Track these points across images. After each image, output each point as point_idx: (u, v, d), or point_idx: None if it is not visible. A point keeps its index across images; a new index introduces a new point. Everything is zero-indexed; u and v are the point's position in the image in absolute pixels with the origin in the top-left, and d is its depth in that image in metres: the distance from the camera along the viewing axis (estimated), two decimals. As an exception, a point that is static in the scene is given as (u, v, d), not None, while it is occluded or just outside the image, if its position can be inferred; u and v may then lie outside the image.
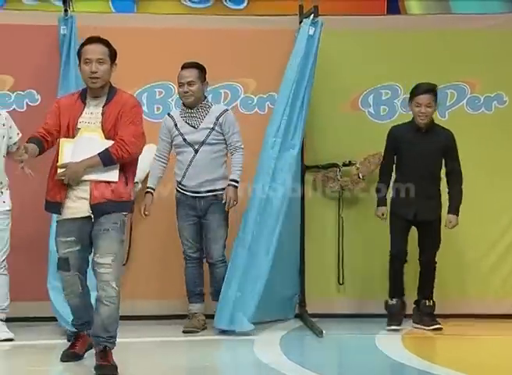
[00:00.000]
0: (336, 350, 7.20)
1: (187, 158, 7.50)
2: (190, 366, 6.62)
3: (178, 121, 7.54)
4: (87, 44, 6.07)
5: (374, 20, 8.50)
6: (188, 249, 7.57)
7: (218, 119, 7.50)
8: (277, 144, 7.66)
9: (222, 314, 7.43)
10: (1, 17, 8.02)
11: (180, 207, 7.59)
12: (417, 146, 7.39)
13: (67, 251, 6.03)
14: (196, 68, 7.49)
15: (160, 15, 8.96)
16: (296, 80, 7.67)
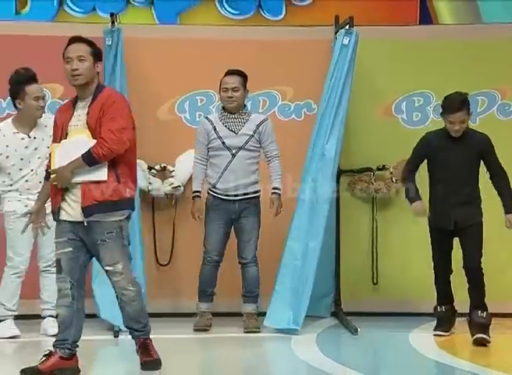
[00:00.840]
0: (370, 347, 7.16)
1: (224, 161, 7.47)
2: (233, 362, 6.63)
3: (217, 125, 7.51)
4: (68, 45, 5.92)
5: (406, 30, 8.46)
6: (211, 252, 7.52)
7: (259, 128, 7.50)
8: (318, 148, 7.63)
9: (276, 313, 7.41)
10: (51, 29, 8.07)
11: (212, 210, 7.54)
12: (451, 153, 7.06)
13: (60, 252, 5.87)
14: (240, 75, 7.49)
15: (201, 26, 9.03)
16: (333, 87, 7.64)
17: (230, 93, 7.45)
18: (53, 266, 7.22)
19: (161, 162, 8.03)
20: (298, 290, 7.42)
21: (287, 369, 6.48)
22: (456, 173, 7.03)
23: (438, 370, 6.42)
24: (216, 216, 7.50)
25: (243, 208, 7.50)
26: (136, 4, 9.86)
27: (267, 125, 7.54)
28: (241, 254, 7.58)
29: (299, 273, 7.46)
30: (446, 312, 7.22)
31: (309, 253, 7.48)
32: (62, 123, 5.85)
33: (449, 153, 7.01)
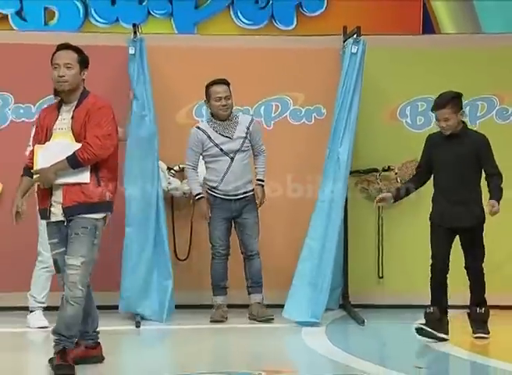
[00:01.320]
0: (376, 337, 7.17)
1: (223, 166, 7.52)
2: (248, 351, 6.63)
3: (211, 133, 7.52)
4: (56, 51, 5.84)
5: (410, 39, 8.47)
6: (219, 247, 7.56)
7: (249, 128, 7.55)
8: (333, 152, 7.63)
9: (295, 306, 7.41)
10: (77, 39, 8.02)
11: (215, 210, 7.57)
12: (447, 152, 6.79)
13: (55, 253, 5.83)
14: (227, 84, 7.53)
15: (217, 35, 9.03)
16: (345, 94, 7.63)
17: (224, 101, 7.47)
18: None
19: (179, 163, 8.02)
20: (317, 285, 7.42)
21: (298, 358, 6.49)
22: (452, 171, 6.78)
23: (439, 358, 6.40)
24: (219, 214, 7.56)
25: (243, 205, 7.58)
26: (156, 15, 9.86)
27: (255, 124, 7.64)
28: (247, 247, 7.63)
29: (317, 270, 7.46)
30: (434, 313, 6.77)
31: (326, 252, 7.49)
32: (46, 125, 5.76)
33: (445, 152, 6.79)
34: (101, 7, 10.04)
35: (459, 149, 6.72)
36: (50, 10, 10.04)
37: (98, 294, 7.48)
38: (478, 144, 6.80)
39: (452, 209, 6.76)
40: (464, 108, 8.03)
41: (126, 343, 7.02)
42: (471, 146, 6.75)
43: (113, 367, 6.04)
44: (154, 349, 6.79)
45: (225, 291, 7.63)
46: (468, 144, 6.76)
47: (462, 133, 6.77)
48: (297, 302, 7.42)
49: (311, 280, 7.46)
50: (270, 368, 5.89)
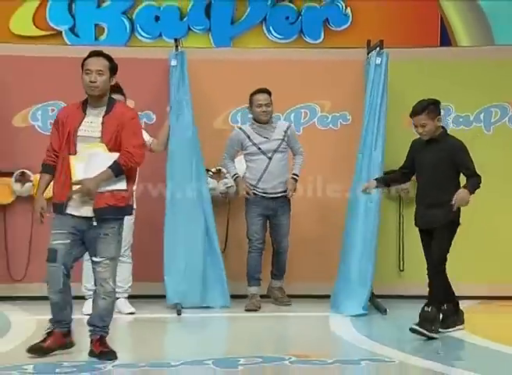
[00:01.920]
0: (397, 325, 7.14)
1: (262, 164, 7.60)
2: (279, 337, 6.66)
3: (250, 134, 7.64)
4: (89, 57, 5.70)
5: (429, 51, 8.45)
6: (255, 240, 7.63)
7: (286, 132, 7.67)
8: (366, 156, 7.64)
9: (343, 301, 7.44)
10: (124, 53, 8.11)
11: (253, 206, 7.64)
12: (426, 156, 6.53)
13: (58, 243, 5.59)
14: (269, 93, 7.64)
15: (251, 48, 9.07)
16: (372, 102, 7.64)
17: (264, 108, 7.59)
18: (124, 256, 7.32)
19: (217, 165, 8.06)
20: (361, 280, 7.46)
21: (326, 344, 6.50)
22: (428, 175, 6.51)
23: (456, 345, 6.39)
24: (257, 210, 7.63)
25: (279, 205, 7.66)
26: (196, 30, 9.91)
27: (291, 129, 7.76)
28: (279, 244, 7.74)
29: (359, 266, 7.50)
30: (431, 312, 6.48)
31: (366, 249, 7.52)
32: (69, 124, 5.60)
33: (424, 156, 6.54)
34: (145, 23, 10.11)
35: (437, 154, 6.46)
36: (100, 27, 10.13)
37: (143, 285, 7.67)
38: (452, 150, 6.48)
39: (426, 212, 6.53)
40: (479, 114, 8.11)
41: (168, 330, 7.07)
42: (447, 151, 6.46)
43: (158, 351, 6.10)
44: (194, 335, 6.83)
45: (259, 283, 7.69)
46: (445, 150, 6.46)
47: (441, 139, 6.52)
48: (345, 298, 7.43)
49: (355, 276, 7.48)
50: (299, 353, 5.91)
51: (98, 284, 5.70)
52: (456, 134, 7.86)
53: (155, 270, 7.64)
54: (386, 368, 5.65)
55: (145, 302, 7.66)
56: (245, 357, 5.75)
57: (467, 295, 7.85)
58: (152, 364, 5.60)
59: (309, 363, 5.67)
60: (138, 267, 7.48)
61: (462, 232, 7.92)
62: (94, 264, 5.71)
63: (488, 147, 8.04)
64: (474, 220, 7.97)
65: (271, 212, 7.66)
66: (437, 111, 6.49)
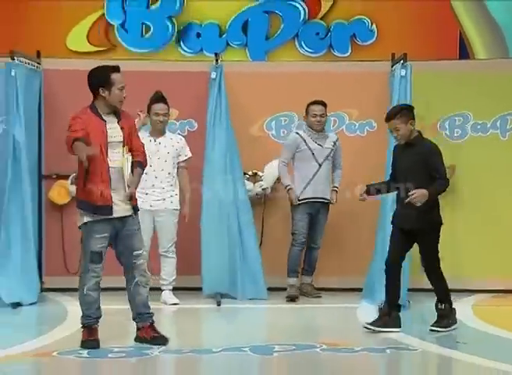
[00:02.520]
0: (419, 316, 7.09)
1: (312, 170, 7.58)
2: (310, 326, 6.66)
3: (306, 139, 7.62)
4: (117, 72, 5.62)
5: (449, 63, 8.39)
6: (300, 235, 7.60)
7: (336, 143, 7.70)
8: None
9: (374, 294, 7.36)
10: (170, 66, 8.19)
11: (301, 208, 7.61)
12: (403, 160, 6.31)
13: (101, 246, 5.61)
14: (324, 104, 7.62)
15: (284, 62, 9.08)
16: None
17: (319, 118, 7.60)
18: (169, 252, 7.36)
19: (252, 168, 8.08)
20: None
21: (353, 333, 6.46)
22: (404, 178, 6.25)
23: (473, 334, 6.34)
24: (304, 209, 7.60)
25: (320, 207, 7.67)
26: (234, 45, 9.93)
27: (339, 142, 7.78)
28: (314, 241, 7.74)
29: None
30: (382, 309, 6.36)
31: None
32: (96, 128, 5.52)
33: (402, 160, 6.34)
34: (188, 39, 10.15)
35: (412, 157, 6.23)
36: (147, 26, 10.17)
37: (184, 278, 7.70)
38: (425, 153, 6.24)
39: (404, 212, 6.27)
40: (496, 122, 8.05)
41: (210, 319, 7.10)
42: (422, 154, 6.22)
43: (200, 338, 6.15)
44: (233, 324, 6.85)
45: (298, 275, 7.68)
46: (420, 153, 6.23)
47: (416, 143, 6.28)
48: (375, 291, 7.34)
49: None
50: (329, 341, 5.92)
51: (139, 275, 5.72)
52: (475, 140, 7.96)
53: (198, 265, 7.68)
54: (410, 356, 5.65)
55: (188, 294, 7.69)
56: (279, 344, 5.78)
57: (481, 289, 7.84)
58: (195, 350, 5.64)
59: (338, 351, 5.69)
60: (182, 262, 7.53)
61: (478, 230, 7.95)
62: (133, 258, 5.70)
63: (504, 151, 8.02)
64: (490, 220, 7.96)
65: (313, 212, 7.66)
66: (409, 115, 6.25)
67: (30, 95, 7.67)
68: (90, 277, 5.63)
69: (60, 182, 7.93)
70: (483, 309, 7.20)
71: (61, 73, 7.94)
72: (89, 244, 5.61)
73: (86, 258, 5.63)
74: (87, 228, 5.61)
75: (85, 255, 5.64)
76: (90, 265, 5.60)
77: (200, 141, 7.82)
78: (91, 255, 5.60)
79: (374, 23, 10.03)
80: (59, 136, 7.80)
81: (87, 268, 5.63)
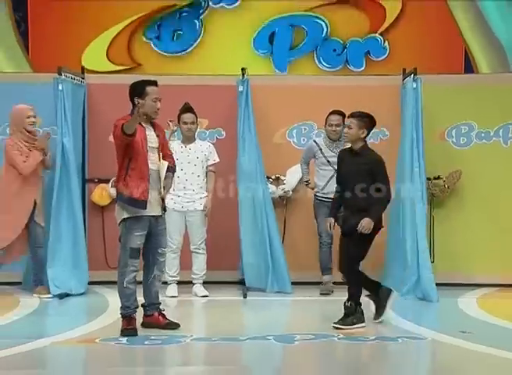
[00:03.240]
0: (429, 308, 7.05)
1: (328, 174, 7.48)
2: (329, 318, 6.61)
3: (322, 147, 7.56)
4: (153, 85, 5.71)
5: (455, 77, 8.33)
6: (325, 236, 7.51)
7: None
8: (407, 166, 7.53)
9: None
10: (200, 80, 8.12)
11: (320, 208, 7.53)
12: (348, 168, 6.11)
13: (140, 243, 5.68)
14: (341, 114, 7.49)
15: (304, 75, 9.07)
16: (411, 120, 7.54)
17: (334, 128, 7.49)
18: (200, 248, 7.37)
19: (275, 173, 8.07)
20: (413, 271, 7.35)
21: (369, 324, 6.40)
22: (349, 185, 6.05)
23: (477, 324, 6.28)
24: (325, 210, 7.39)
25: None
26: (260, 54, 10.00)
27: None
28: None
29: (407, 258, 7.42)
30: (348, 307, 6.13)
31: (414, 245, 7.38)
32: (141, 135, 5.63)
33: (347, 167, 6.13)
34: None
35: (358, 166, 6.03)
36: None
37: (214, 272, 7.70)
38: (370, 164, 6.02)
39: (348, 217, 6.08)
40: (498, 130, 8.00)
41: (237, 310, 7.07)
42: (367, 164, 6.01)
43: (228, 328, 6.11)
44: (258, 315, 6.84)
45: (330, 271, 7.53)
46: (365, 163, 6.02)
47: (362, 152, 6.08)
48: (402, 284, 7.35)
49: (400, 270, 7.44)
50: (346, 330, 5.92)
51: (158, 270, 5.83)
52: (479, 147, 7.90)
53: (226, 260, 7.68)
54: (420, 344, 5.62)
55: (217, 287, 7.70)
56: (300, 334, 5.78)
57: (485, 283, 7.78)
58: (223, 338, 5.65)
59: (354, 340, 5.68)
60: (212, 258, 7.54)
61: (482, 229, 7.88)
62: (158, 255, 5.80)
63: (505, 157, 7.96)
64: (492, 220, 7.91)
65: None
66: (367, 125, 6.08)
67: (76, 107, 7.72)
68: (130, 271, 5.67)
69: (101, 185, 7.96)
70: (487, 302, 7.14)
71: (102, 87, 8.00)
72: (128, 240, 5.65)
73: (125, 254, 5.67)
74: (127, 226, 5.67)
75: (124, 251, 5.68)
76: (129, 260, 5.65)
77: (228, 147, 7.83)
78: (131, 251, 5.65)
79: (386, 41, 10.04)
80: (101, 144, 7.96)
81: (126, 263, 5.68)
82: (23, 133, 7.19)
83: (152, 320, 5.88)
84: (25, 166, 7.11)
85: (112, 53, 10.03)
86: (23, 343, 5.43)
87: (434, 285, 7.20)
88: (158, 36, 10.08)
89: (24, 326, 6.14)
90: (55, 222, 7.35)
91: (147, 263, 5.85)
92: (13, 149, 7.13)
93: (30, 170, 7.12)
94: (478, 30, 10.16)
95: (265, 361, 5.28)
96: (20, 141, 7.18)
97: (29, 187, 7.18)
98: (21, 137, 7.19)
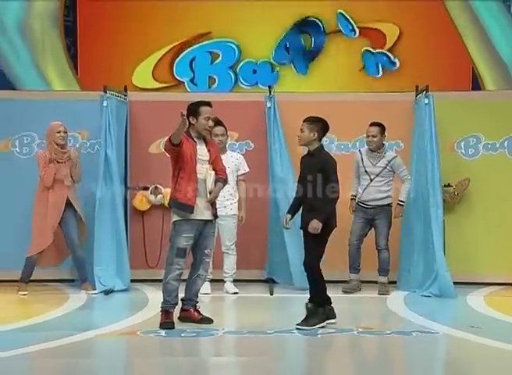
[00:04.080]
0: (440, 304, 6.94)
1: (365, 182, 7.36)
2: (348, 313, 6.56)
3: (363, 156, 7.42)
4: (206, 106, 5.76)
5: (464, 94, 8.23)
6: (352, 236, 7.37)
7: (390, 162, 7.35)
8: (422, 175, 7.43)
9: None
10: (231, 96, 8.23)
11: (357, 212, 7.40)
12: (304, 168, 5.93)
13: (187, 244, 5.67)
14: (378, 126, 7.37)
15: (325, 92, 8.91)
16: (424, 133, 7.43)
17: (370, 138, 7.34)
18: (230, 249, 7.33)
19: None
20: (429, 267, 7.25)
21: (384, 318, 6.41)
22: (305, 184, 5.85)
23: (484, 320, 6.17)
24: (359, 215, 7.39)
25: (375, 213, 7.35)
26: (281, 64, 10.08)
27: (396, 160, 7.37)
28: (377, 243, 7.37)
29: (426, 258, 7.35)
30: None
31: (430, 247, 7.27)
32: (189, 149, 5.66)
33: (303, 167, 5.95)
34: (246, 74, 10.20)
35: (312, 166, 5.85)
36: (212, 78, 10.26)
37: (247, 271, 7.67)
38: (324, 163, 5.84)
39: (303, 215, 5.87)
40: (504, 142, 7.90)
41: (264, 305, 7.01)
42: (319, 164, 5.83)
43: (256, 322, 6.09)
44: (284, 310, 6.78)
45: (358, 271, 7.39)
46: (318, 163, 5.84)
47: (316, 153, 5.91)
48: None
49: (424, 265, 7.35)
50: (365, 325, 5.86)
51: (203, 269, 5.83)
52: (485, 158, 7.83)
53: (254, 260, 7.64)
54: (432, 338, 5.53)
55: (247, 285, 7.66)
56: (322, 328, 5.71)
57: (492, 282, 7.66)
58: (252, 332, 5.62)
59: (372, 333, 5.63)
60: (241, 258, 7.50)
61: (488, 233, 7.76)
62: (204, 256, 5.82)
63: (511, 168, 7.84)
64: (498, 224, 7.81)
65: (370, 217, 7.37)
66: (320, 129, 5.92)
67: (119, 122, 7.73)
68: (175, 269, 5.69)
69: (142, 192, 7.96)
70: (494, 299, 7.03)
71: (142, 104, 8.00)
72: (177, 241, 5.67)
73: (173, 253, 5.69)
74: (176, 228, 5.70)
75: (172, 250, 5.70)
76: (175, 259, 5.66)
77: (257, 158, 7.80)
78: (178, 250, 5.66)
79: (396, 57, 10.01)
80: (142, 155, 7.98)
81: (173, 261, 5.69)
82: (53, 145, 7.23)
83: (188, 315, 5.88)
84: (43, 178, 7.16)
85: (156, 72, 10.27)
86: (71, 335, 5.44)
87: (451, 283, 7.08)
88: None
89: (72, 319, 6.15)
90: (100, 225, 7.35)
91: (194, 262, 5.88)
92: (41, 160, 7.19)
93: (48, 181, 7.14)
94: (484, 51, 10.07)
95: (291, 352, 5.24)
96: (51, 154, 7.21)
97: (57, 193, 7.16)
98: (52, 150, 7.23)
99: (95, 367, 4.85)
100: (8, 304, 6.82)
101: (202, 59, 10.28)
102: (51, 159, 7.20)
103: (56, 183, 7.17)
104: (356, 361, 5.13)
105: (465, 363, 5.03)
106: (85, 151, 7.86)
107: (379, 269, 7.40)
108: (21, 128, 7.87)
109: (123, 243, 7.43)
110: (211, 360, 5.11)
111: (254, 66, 10.26)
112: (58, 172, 7.18)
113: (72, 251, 7.31)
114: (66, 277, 7.69)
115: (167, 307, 5.75)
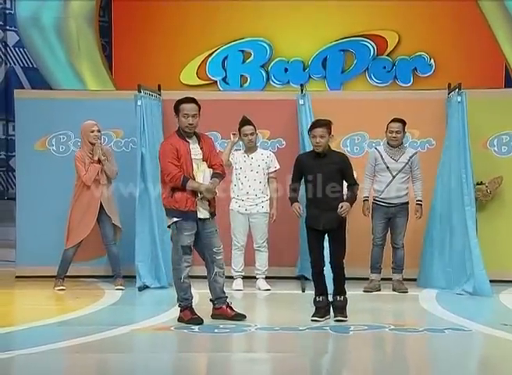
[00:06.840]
0: (471, 301, 6.88)
1: (386, 180, 7.29)
2: (380, 310, 6.55)
3: (383, 154, 7.34)
4: (184, 103, 5.65)
5: (496, 91, 8.18)
6: (377, 238, 7.34)
7: (411, 158, 7.31)
8: (455, 173, 7.37)
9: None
10: (264, 95, 8.25)
11: (377, 211, 7.34)
12: (316, 169, 5.80)
13: (191, 241, 5.67)
14: (401, 122, 7.28)
15: (357, 91, 8.98)
16: (457, 130, 7.37)
17: (394, 134, 7.25)
18: (262, 247, 7.36)
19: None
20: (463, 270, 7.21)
21: (416, 315, 6.38)
22: (321, 184, 5.78)
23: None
24: (380, 214, 7.33)
25: (397, 211, 7.29)
26: (315, 78, 9.95)
27: (416, 157, 7.34)
28: (393, 241, 7.33)
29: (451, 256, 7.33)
30: (322, 301, 5.94)
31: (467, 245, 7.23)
32: (183, 151, 5.63)
33: (314, 168, 5.82)
34: (277, 73, 10.22)
35: (328, 166, 5.79)
36: (244, 76, 10.29)
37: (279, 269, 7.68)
38: (341, 163, 5.84)
39: (323, 215, 5.79)
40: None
41: (296, 302, 7.01)
42: (337, 164, 5.81)
43: (288, 318, 6.10)
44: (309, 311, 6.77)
45: (379, 271, 7.34)
46: (335, 163, 5.81)
47: (328, 154, 5.87)
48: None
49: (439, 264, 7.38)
50: (397, 322, 5.85)
51: (218, 267, 5.78)
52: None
53: (286, 257, 7.66)
54: (464, 335, 5.50)
55: (279, 282, 7.68)
56: (355, 325, 5.72)
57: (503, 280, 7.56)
58: (284, 328, 5.63)
59: (404, 331, 5.60)
60: (273, 255, 7.52)
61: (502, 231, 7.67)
62: (214, 254, 5.77)
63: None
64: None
65: (391, 216, 7.31)
66: (331, 130, 5.90)
67: (153, 120, 7.78)
68: (184, 267, 5.68)
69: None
70: None
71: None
72: (180, 240, 5.65)
73: (178, 252, 5.66)
74: (177, 227, 5.67)
75: (177, 249, 5.68)
76: (184, 256, 5.65)
77: (288, 155, 7.77)
78: (183, 248, 5.65)
79: (432, 59, 9.91)
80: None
81: (181, 260, 5.67)
82: (87, 145, 7.31)
83: (221, 312, 5.88)
84: (85, 177, 7.23)
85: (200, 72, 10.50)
86: (107, 329, 5.52)
87: (488, 281, 7.01)
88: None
89: (108, 314, 6.24)
90: (138, 222, 7.37)
91: (206, 263, 5.86)
92: (78, 161, 7.27)
93: (90, 181, 7.22)
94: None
95: (323, 349, 5.24)
96: (86, 153, 7.29)
97: (93, 193, 7.25)
98: (87, 150, 7.30)
99: (132, 361, 4.89)
100: (45, 299, 6.94)
101: (234, 58, 10.34)
102: (91, 159, 7.25)
103: (93, 183, 7.27)
104: (387, 358, 5.11)
105: (498, 361, 4.97)
106: (119, 149, 7.96)
107: (394, 266, 7.34)
108: (57, 127, 8.00)
109: (158, 241, 7.42)
110: (243, 356, 5.13)
111: (286, 64, 10.28)
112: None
113: (107, 247, 7.41)
114: (102, 274, 7.80)
115: (187, 304, 5.77)
